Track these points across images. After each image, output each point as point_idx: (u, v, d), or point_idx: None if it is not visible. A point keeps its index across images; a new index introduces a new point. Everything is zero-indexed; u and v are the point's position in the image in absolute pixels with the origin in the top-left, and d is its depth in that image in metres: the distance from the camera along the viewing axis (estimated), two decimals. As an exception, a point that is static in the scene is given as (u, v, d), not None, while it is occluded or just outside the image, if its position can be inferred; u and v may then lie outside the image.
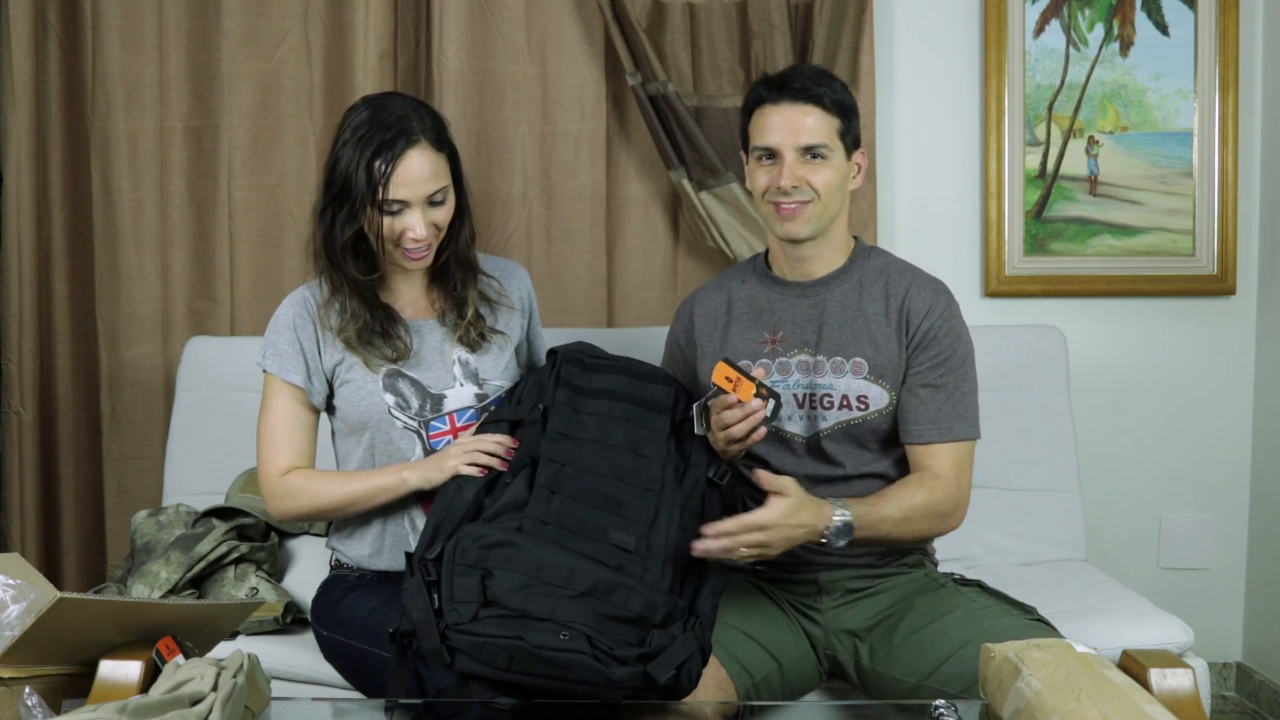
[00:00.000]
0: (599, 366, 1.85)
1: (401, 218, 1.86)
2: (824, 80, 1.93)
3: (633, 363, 1.88)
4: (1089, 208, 2.88)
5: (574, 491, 1.69)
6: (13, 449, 2.80)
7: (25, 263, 2.78)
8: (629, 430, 1.76)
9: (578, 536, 1.65)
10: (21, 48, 2.75)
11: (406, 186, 1.84)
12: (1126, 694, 1.30)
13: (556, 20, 2.79)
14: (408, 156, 1.84)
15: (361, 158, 1.84)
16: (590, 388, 1.82)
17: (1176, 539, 2.96)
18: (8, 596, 1.48)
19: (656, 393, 1.82)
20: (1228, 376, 2.93)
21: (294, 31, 2.79)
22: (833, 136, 1.91)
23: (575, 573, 1.59)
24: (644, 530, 1.66)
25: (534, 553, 1.60)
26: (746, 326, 2.00)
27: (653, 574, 1.64)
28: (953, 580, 1.96)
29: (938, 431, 1.91)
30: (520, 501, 1.70)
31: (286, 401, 1.95)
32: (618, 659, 1.53)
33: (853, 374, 1.93)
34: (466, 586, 1.57)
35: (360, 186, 1.84)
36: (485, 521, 1.68)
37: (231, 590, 2.12)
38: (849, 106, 1.94)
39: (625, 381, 1.83)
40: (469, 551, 1.61)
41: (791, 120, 1.90)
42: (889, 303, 1.95)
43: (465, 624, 1.54)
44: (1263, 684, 2.89)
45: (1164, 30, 2.86)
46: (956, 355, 1.94)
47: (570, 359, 1.86)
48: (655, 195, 2.84)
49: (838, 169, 1.92)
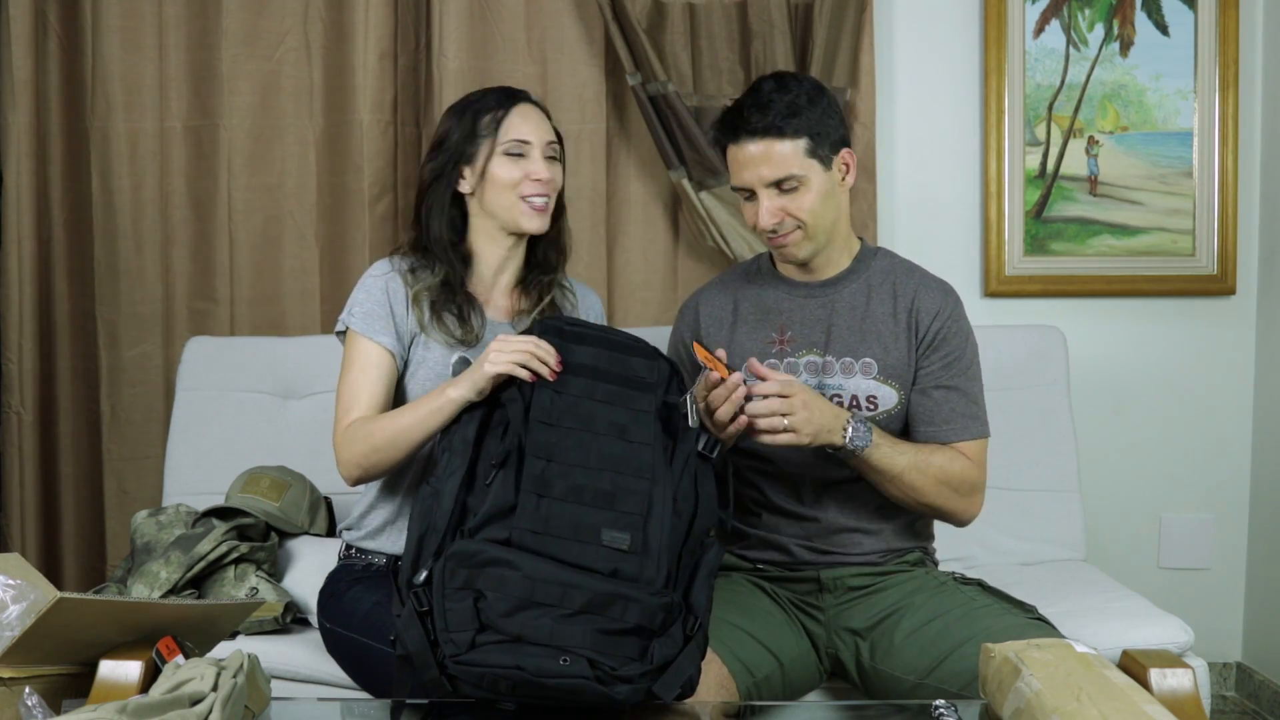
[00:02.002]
0: (579, 336, 1.75)
1: (522, 161, 1.92)
2: (779, 103, 1.85)
3: (611, 332, 1.81)
4: (1089, 208, 2.88)
5: (563, 490, 1.60)
6: (13, 449, 2.80)
7: (25, 263, 2.78)
8: (613, 414, 1.67)
9: (570, 541, 1.58)
10: (21, 48, 2.75)
11: (527, 126, 1.93)
12: (1126, 694, 1.30)
13: (556, 20, 2.79)
14: (523, 107, 1.96)
15: (476, 114, 1.94)
16: (571, 362, 1.71)
17: (1176, 539, 2.96)
18: (8, 596, 1.48)
19: (639, 368, 1.73)
20: (1228, 376, 2.93)
21: (294, 31, 2.79)
22: (802, 160, 1.86)
23: (569, 590, 1.53)
24: (639, 523, 1.60)
25: (526, 569, 1.54)
26: (754, 326, 1.99)
27: (649, 570, 1.58)
28: (953, 579, 1.96)
29: (954, 431, 1.93)
30: (507, 506, 1.60)
31: (370, 360, 1.92)
32: (621, 679, 1.51)
33: (862, 374, 1.93)
34: (460, 614, 1.52)
35: (480, 133, 1.92)
36: (471, 533, 1.60)
37: (231, 590, 2.12)
38: (815, 118, 1.87)
39: (606, 356, 1.73)
40: (458, 574, 1.54)
41: (754, 158, 1.86)
42: (897, 303, 1.95)
43: (463, 654, 1.51)
44: (1263, 684, 2.89)
45: (1164, 30, 2.86)
46: (966, 355, 1.96)
47: (549, 329, 1.76)
48: (655, 195, 2.84)
49: (818, 188, 1.88)
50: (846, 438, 1.82)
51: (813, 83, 1.92)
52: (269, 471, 2.36)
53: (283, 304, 2.82)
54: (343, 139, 2.79)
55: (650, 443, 1.66)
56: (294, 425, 2.54)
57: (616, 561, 1.57)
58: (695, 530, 1.66)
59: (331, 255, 2.83)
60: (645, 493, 1.61)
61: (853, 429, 1.82)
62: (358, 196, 2.79)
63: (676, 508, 1.64)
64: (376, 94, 2.77)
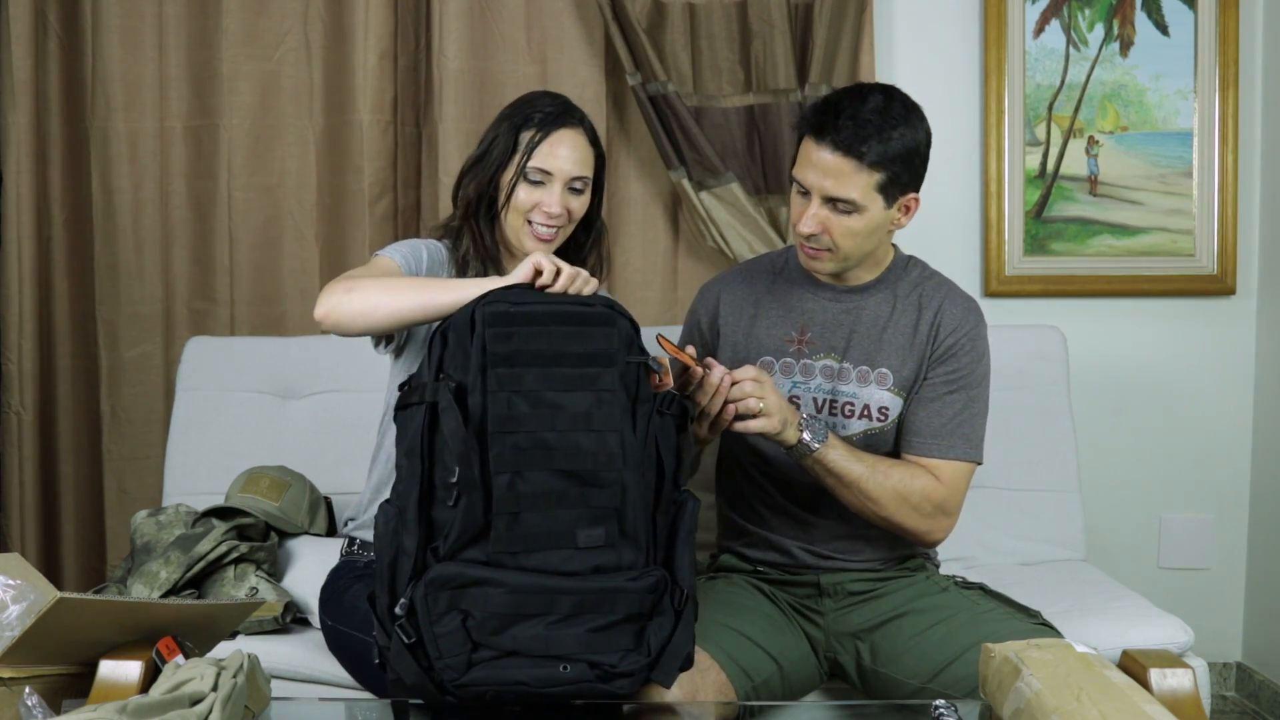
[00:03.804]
0: (529, 317, 1.57)
1: (540, 190, 1.91)
2: (875, 125, 1.77)
3: (566, 302, 1.63)
4: (1089, 208, 2.88)
5: (533, 500, 1.51)
6: (12, 448, 2.80)
7: (25, 262, 2.78)
8: (575, 401, 1.53)
9: (547, 551, 1.52)
10: (21, 48, 2.75)
11: (554, 160, 1.91)
12: (1126, 694, 1.30)
13: (556, 20, 2.79)
14: (562, 133, 1.93)
15: (517, 126, 1.93)
16: (524, 350, 1.55)
17: (1176, 539, 2.96)
18: (8, 596, 1.48)
19: (597, 338, 1.57)
20: (1228, 376, 2.93)
21: (294, 31, 2.79)
22: (867, 192, 1.79)
23: (556, 598, 1.51)
24: (612, 514, 1.53)
25: (509, 583, 1.50)
26: (774, 322, 1.97)
27: (628, 555, 1.54)
28: (955, 584, 1.95)
29: (937, 447, 1.90)
30: (478, 529, 1.51)
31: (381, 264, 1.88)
32: (622, 674, 1.52)
33: (876, 384, 1.92)
34: (451, 639, 1.49)
35: (507, 151, 1.91)
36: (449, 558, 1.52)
37: (231, 590, 2.12)
38: (899, 154, 1.79)
39: (561, 335, 1.56)
40: (440, 598, 1.50)
41: (826, 167, 1.79)
42: (921, 316, 1.93)
43: (461, 677, 1.50)
44: (1263, 684, 2.89)
45: (1164, 30, 2.86)
46: (974, 375, 1.93)
47: (494, 319, 1.56)
48: (655, 195, 2.84)
49: (869, 220, 1.82)
50: (801, 431, 1.80)
51: (919, 114, 1.84)
52: (269, 471, 2.36)
53: (283, 304, 2.82)
54: (343, 139, 2.79)
55: (618, 426, 1.54)
56: (294, 425, 2.54)
57: (595, 559, 1.53)
58: (665, 491, 1.61)
59: (331, 255, 2.83)
60: (616, 483, 1.54)
61: (808, 426, 1.80)
62: (358, 196, 2.79)
63: (645, 479, 1.58)
64: (376, 94, 2.77)
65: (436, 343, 1.61)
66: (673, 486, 1.62)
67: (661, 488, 1.61)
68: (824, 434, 1.81)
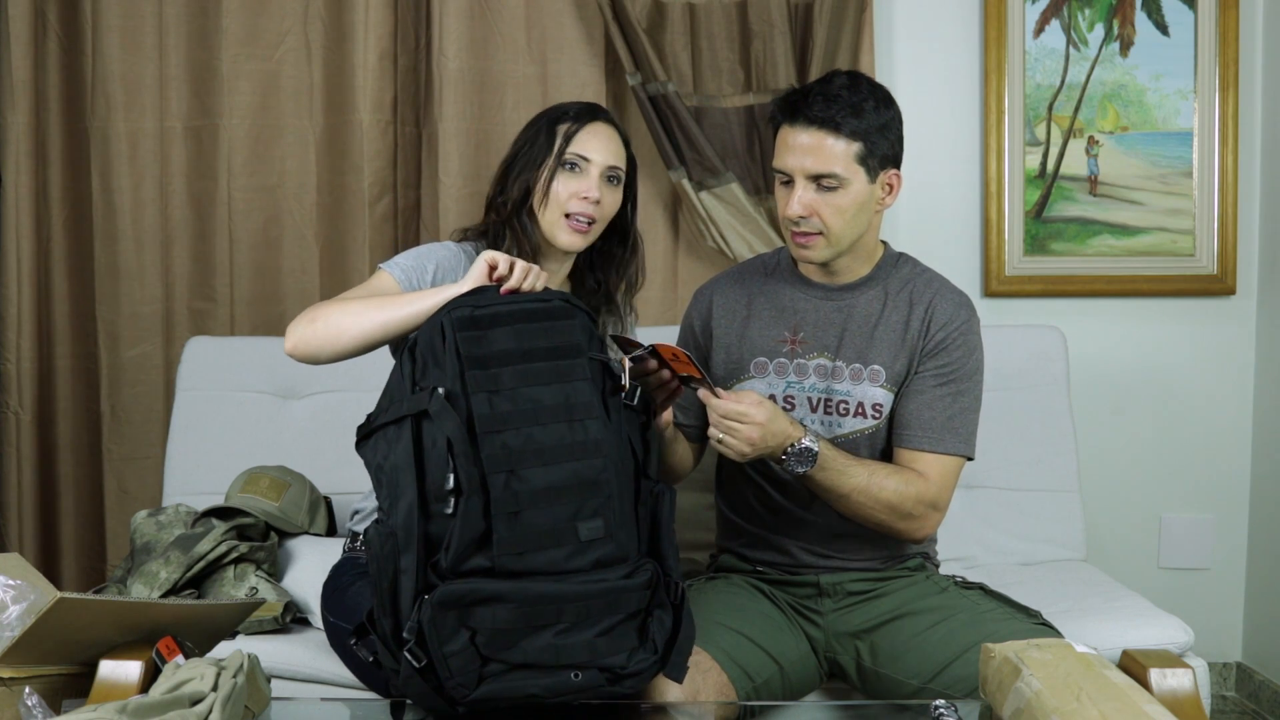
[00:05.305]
0: (493, 319, 1.60)
1: (577, 178, 1.93)
2: (846, 100, 1.82)
3: (525, 300, 1.65)
4: (1089, 208, 2.88)
5: (531, 497, 1.52)
6: (12, 449, 2.80)
7: (25, 263, 2.78)
8: (552, 394, 1.56)
9: (550, 549, 1.52)
10: (21, 48, 2.75)
11: (591, 145, 1.94)
12: (1126, 694, 1.30)
13: (556, 20, 2.79)
14: (597, 125, 1.97)
15: (553, 120, 1.96)
16: (495, 351, 1.57)
17: (1176, 539, 2.96)
18: (8, 597, 1.48)
19: (564, 330, 1.61)
20: (1228, 376, 2.93)
21: (294, 31, 2.79)
22: (849, 164, 1.82)
23: (562, 606, 1.51)
24: (606, 504, 1.55)
25: (515, 598, 1.50)
26: (767, 323, 1.98)
27: (625, 546, 1.57)
28: (955, 584, 1.95)
29: (928, 440, 1.90)
30: (480, 534, 1.51)
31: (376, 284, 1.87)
32: (631, 674, 1.54)
33: (869, 382, 1.92)
34: (460, 657, 1.48)
35: (548, 144, 1.93)
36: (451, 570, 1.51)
37: (231, 590, 2.12)
38: (874, 127, 1.83)
39: (528, 331, 1.59)
40: (447, 618, 1.48)
41: (803, 146, 1.83)
42: (912, 311, 1.93)
43: (473, 695, 1.49)
44: (1263, 684, 2.89)
45: (1164, 30, 2.86)
46: (964, 369, 1.92)
47: (462, 324, 1.59)
48: (655, 195, 2.84)
49: (854, 196, 1.85)
50: (785, 460, 1.78)
51: (885, 93, 1.88)
52: (269, 471, 2.36)
53: (283, 304, 2.82)
54: (343, 139, 2.79)
55: (596, 415, 1.58)
56: (294, 425, 2.54)
57: (596, 551, 1.54)
58: (641, 482, 1.63)
59: (331, 255, 2.83)
60: (606, 470, 1.56)
61: (793, 458, 1.78)
62: (358, 196, 2.79)
63: (624, 466, 1.61)
64: (376, 94, 2.77)
65: (405, 360, 1.62)
66: (646, 478, 1.64)
67: (639, 479, 1.63)
68: (809, 463, 1.78)
